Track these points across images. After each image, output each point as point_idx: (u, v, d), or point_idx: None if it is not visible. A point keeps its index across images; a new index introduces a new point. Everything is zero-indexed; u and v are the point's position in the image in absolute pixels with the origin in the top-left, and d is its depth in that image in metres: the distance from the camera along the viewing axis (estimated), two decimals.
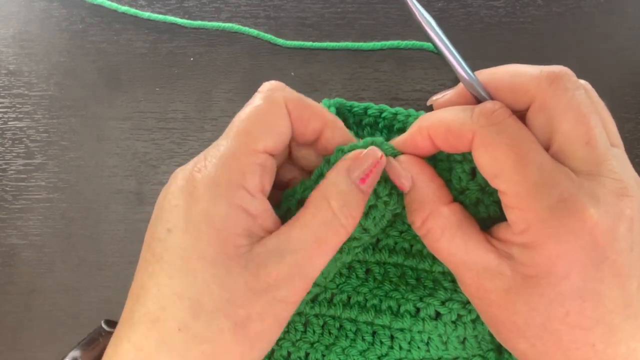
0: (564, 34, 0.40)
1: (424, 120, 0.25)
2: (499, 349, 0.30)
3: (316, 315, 0.31)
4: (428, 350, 0.30)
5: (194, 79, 0.40)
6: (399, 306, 0.30)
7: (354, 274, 0.31)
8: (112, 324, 0.29)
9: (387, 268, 0.31)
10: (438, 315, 0.29)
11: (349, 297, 0.30)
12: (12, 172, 0.39)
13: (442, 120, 0.24)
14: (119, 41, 0.40)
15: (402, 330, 0.30)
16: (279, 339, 0.31)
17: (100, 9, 0.41)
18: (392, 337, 0.30)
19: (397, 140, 0.27)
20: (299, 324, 0.31)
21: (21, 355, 0.37)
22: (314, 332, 0.31)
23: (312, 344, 0.31)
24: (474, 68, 0.23)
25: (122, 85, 0.39)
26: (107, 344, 0.26)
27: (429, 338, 0.30)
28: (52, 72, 0.39)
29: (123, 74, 0.40)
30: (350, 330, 0.30)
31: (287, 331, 0.31)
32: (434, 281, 0.30)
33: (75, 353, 0.27)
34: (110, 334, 0.27)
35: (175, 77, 0.40)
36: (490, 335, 0.30)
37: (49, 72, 0.40)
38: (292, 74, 0.40)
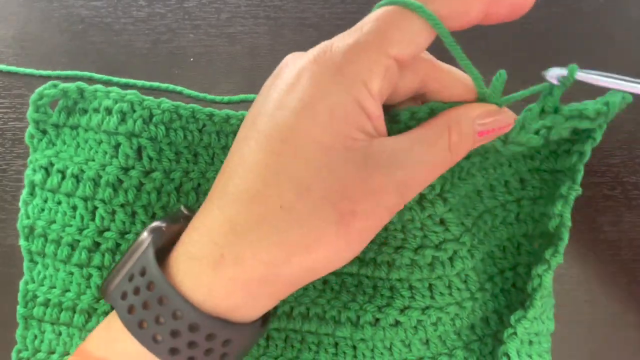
0: (564, 34, 0.40)
1: None
2: (467, 347, 0.30)
3: (277, 330, 0.30)
4: (392, 355, 0.30)
5: (194, 79, 0.40)
6: (358, 317, 0.29)
7: (311, 285, 0.30)
8: (191, 210, 0.28)
9: (343, 278, 0.30)
10: (398, 322, 0.29)
11: (308, 310, 0.30)
12: (12, 172, 0.39)
13: None
14: (119, 41, 0.40)
15: (363, 340, 0.30)
16: None
17: (100, 10, 0.41)
18: (354, 347, 0.30)
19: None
20: (261, 339, 0.30)
21: None
22: (276, 346, 0.30)
23: (275, 358, 0.30)
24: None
25: (122, 86, 0.39)
26: (185, 226, 0.25)
27: (391, 344, 0.30)
28: None
29: (123, 75, 0.40)
30: (313, 342, 0.30)
31: None
32: (391, 289, 0.30)
33: (159, 223, 0.26)
34: (189, 218, 0.26)
35: (175, 77, 0.40)
36: (456, 333, 0.30)
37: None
38: None
